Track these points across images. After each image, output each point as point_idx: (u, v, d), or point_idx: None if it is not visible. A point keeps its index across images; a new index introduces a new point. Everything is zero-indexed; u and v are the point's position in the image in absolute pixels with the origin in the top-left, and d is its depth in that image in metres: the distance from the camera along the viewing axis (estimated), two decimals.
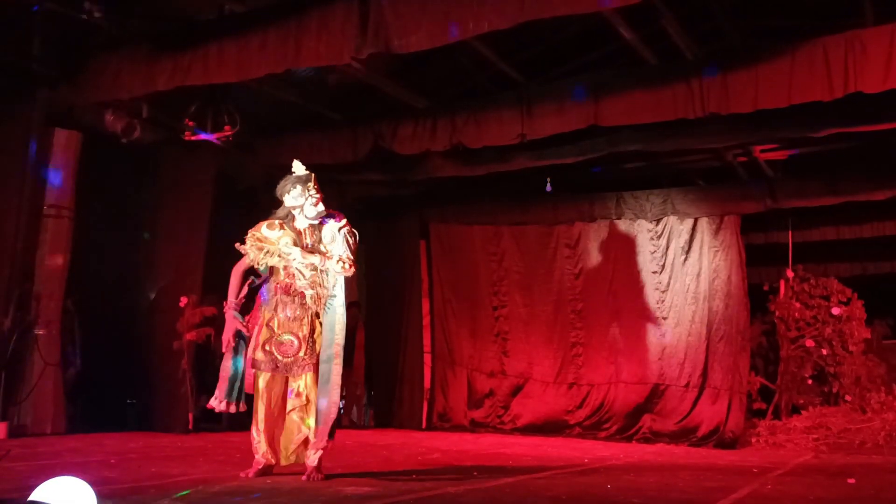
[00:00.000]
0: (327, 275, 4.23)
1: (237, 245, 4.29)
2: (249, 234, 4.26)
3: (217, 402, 4.17)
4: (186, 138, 6.76)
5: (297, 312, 4.20)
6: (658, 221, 8.42)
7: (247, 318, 4.26)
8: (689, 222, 8.29)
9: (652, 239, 8.44)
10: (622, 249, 8.55)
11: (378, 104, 7.32)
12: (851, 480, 4.78)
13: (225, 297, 4.34)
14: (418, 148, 7.14)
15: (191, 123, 6.63)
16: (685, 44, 6.07)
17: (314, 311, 4.20)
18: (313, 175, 4.31)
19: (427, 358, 9.27)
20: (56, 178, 6.53)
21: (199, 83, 5.87)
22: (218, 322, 7.41)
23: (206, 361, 7.93)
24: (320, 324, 4.21)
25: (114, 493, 3.37)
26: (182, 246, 7.48)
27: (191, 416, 7.03)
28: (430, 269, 9.36)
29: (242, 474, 4.10)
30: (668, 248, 8.36)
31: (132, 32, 6.17)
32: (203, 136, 6.69)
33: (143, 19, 6.18)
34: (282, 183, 4.32)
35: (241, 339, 4.22)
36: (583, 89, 6.32)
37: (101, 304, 7.44)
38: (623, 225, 8.55)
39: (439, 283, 9.32)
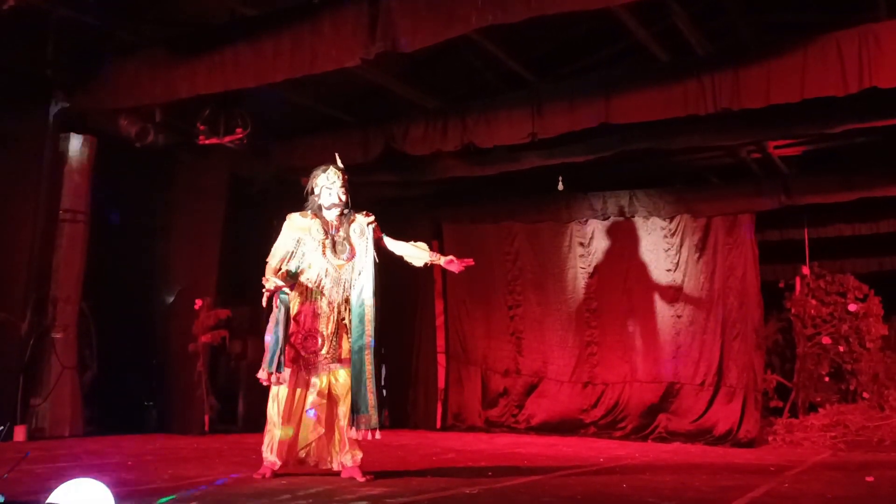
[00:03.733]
0: (355, 271, 4.27)
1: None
2: (287, 219, 4.33)
3: (262, 373, 4.15)
4: (200, 143, 6.80)
5: (325, 309, 4.22)
6: (672, 219, 8.37)
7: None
8: (703, 220, 8.24)
9: (666, 237, 8.40)
10: (636, 248, 8.51)
11: (389, 105, 7.33)
12: (870, 478, 4.74)
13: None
14: (429, 149, 7.14)
15: (202, 128, 6.66)
16: (696, 40, 6.04)
17: (339, 309, 4.23)
18: (341, 167, 4.41)
19: (441, 358, 9.27)
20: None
21: (219, 90, 5.92)
22: (232, 324, 7.49)
23: (221, 363, 8.00)
24: (346, 324, 4.24)
25: (131, 495, 3.40)
26: (197, 249, 7.53)
27: (206, 418, 7.07)
28: (444, 269, 9.34)
29: (257, 475, 4.12)
30: (681, 245, 8.32)
31: (145, 37, 6.22)
32: (215, 140, 6.72)
33: (155, 24, 6.22)
34: (313, 173, 4.40)
35: (284, 305, 4.17)
36: (581, 87, 6.30)
37: (118, 308, 7.50)
38: (637, 223, 8.51)
39: (453, 283, 9.31)
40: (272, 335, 4.16)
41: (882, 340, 8.84)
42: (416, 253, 4.51)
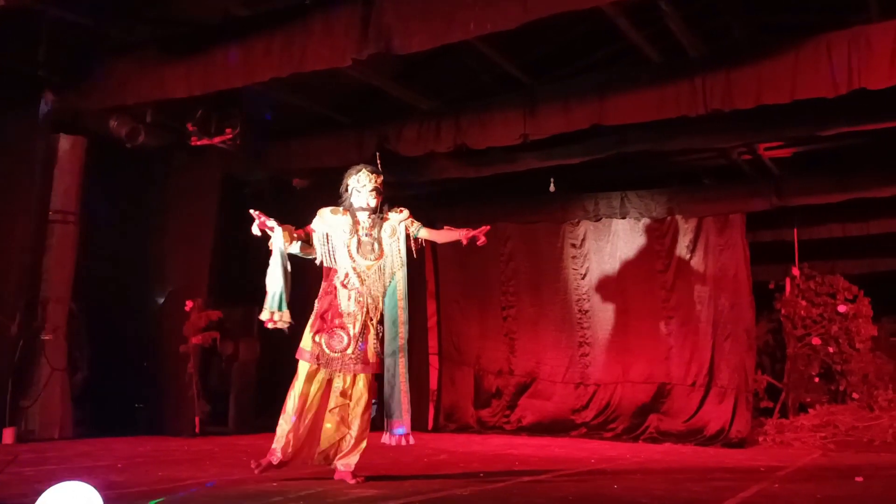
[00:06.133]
0: (384, 272, 4.23)
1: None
2: (317, 214, 4.29)
3: (265, 314, 4.10)
4: (193, 143, 6.78)
5: (353, 308, 4.17)
6: (663, 220, 8.40)
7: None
8: (695, 221, 8.27)
9: (657, 238, 8.42)
10: (628, 248, 8.54)
11: (383, 106, 7.32)
12: (860, 479, 4.76)
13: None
14: (423, 149, 7.14)
15: (193, 128, 6.64)
16: (689, 41, 6.06)
17: (368, 310, 4.19)
18: (376, 170, 4.34)
19: (433, 359, 9.26)
20: None
21: (209, 90, 5.90)
22: (224, 326, 7.47)
23: (213, 365, 7.97)
24: (373, 325, 4.20)
25: (122, 498, 3.38)
26: (188, 250, 7.50)
27: (197, 420, 7.05)
28: (437, 269, 9.35)
29: (253, 464, 4.09)
30: (673, 246, 8.35)
31: (138, 38, 6.19)
32: (206, 141, 6.70)
33: (148, 24, 6.19)
34: (348, 171, 4.34)
35: (278, 249, 4.10)
36: (575, 89, 6.34)
37: (108, 309, 7.46)
38: (629, 224, 8.54)
39: (447, 283, 9.32)
40: (271, 278, 4.10)
41: (871, 341, 8.88)
42: (452, 236, 4.45)
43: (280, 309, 4.06)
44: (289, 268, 4.12)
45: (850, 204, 7.99)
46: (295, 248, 4.22)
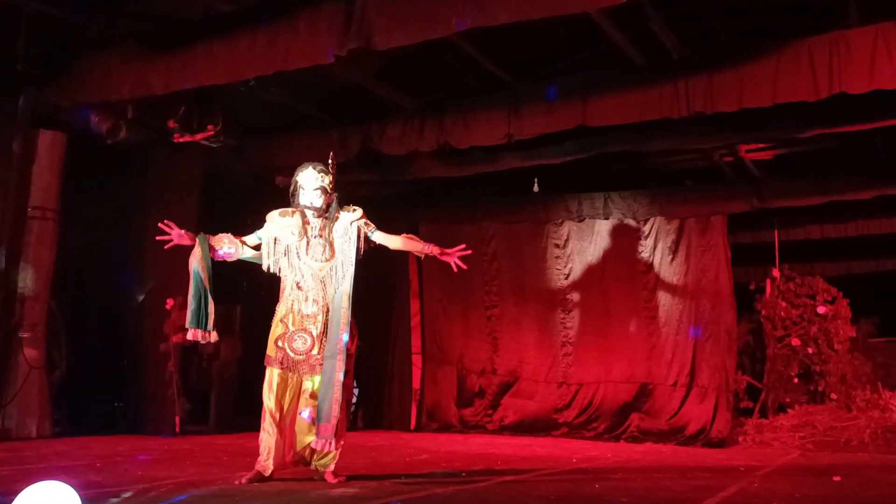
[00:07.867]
0: (334, 272, 4.18)
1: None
2: (267, 217, 4.24)
3: (189, 334, 4.08)
4: (176, 140, 6.72)
5: (312, 309, 4.13)
6: (646, 221, 8.45)
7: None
8: (677, 222, 8.33)
9: (640, 239, 8.47)
10: (610, 249, 8.58)
11: (367, 105, 7.31)
12: (837, 478, 4.82)
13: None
14: (406, 148, 7.13)
15: (175, 125, 6.59)
16: (672, 44, 6.10)
17: (326, 309, 4.14)
18: (324, 168, 4.26)
19: (416, 359, 9.26)
20: None
21: (192, 86, 5.85)
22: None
23: (193, 364, 7.90)
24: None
25: (99, 497, 3.35)
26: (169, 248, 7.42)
27: (177, 419, 6.99)
28: (420, 269, 9.35)
29: (236, 481, 4.05)
30: (655, 247, 8.40)
31: (119, 33, 6.13)
32: (188, 138, 6.65)
33: (129, 19, 6.13)
34: (298, 168, 4.27)
35: (194, 272, 4.10)
36: (559, 89, 6.34)
37: (87, 306, 7.38)
38: (611, 224, 8.58)
39: (430, 283, 9.31)
40: (191, 294, 4.07)
41: (850, 342, 8.98)
42: (410, 246, 4.40)
43: (202, 327, 4.04)
44: (205, 284, 4.07)
45: (829, 206, 8.09)
46: (247, 253, 4.22)
